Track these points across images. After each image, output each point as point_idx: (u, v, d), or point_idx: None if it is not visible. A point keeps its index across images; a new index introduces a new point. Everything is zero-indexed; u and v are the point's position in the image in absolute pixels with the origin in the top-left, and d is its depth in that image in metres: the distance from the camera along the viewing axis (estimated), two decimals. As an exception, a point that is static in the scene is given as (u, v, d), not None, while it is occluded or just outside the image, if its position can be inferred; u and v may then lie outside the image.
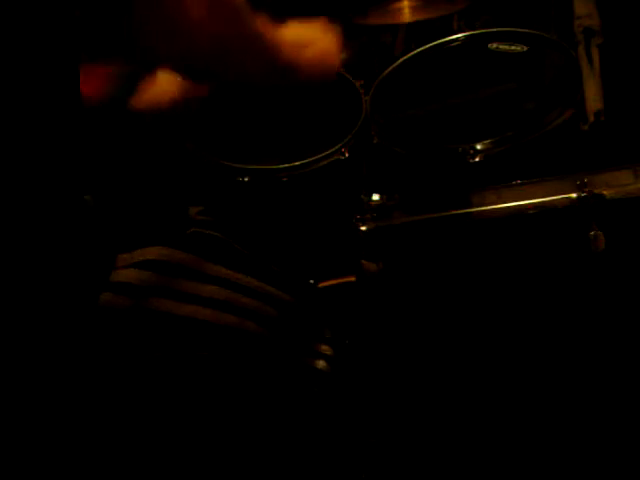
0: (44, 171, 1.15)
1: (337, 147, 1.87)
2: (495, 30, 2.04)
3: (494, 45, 2.00)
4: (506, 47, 1.98)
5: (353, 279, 1.81)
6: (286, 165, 1.85)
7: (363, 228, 1.80)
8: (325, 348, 1.33)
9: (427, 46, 2.05)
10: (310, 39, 1.25)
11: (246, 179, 1.86)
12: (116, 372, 1.20)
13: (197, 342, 1.22)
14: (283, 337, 1.27)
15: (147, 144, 2.01)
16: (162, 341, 1.20)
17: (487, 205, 1.77)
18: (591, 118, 1.75)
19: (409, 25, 2.37)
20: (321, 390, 1.32)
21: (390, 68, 2.04)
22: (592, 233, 1.70)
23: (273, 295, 1.28)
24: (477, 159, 1.79)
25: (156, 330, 1.20)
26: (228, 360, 1.23)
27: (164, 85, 1.34)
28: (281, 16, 2.14)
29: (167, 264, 1.22)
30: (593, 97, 1.74)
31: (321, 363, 1.32)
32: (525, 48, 1.97)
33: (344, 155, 1.87)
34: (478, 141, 1.80)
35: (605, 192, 1.72)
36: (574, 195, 1.73)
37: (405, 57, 2.05)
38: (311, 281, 1.69)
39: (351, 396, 1.69)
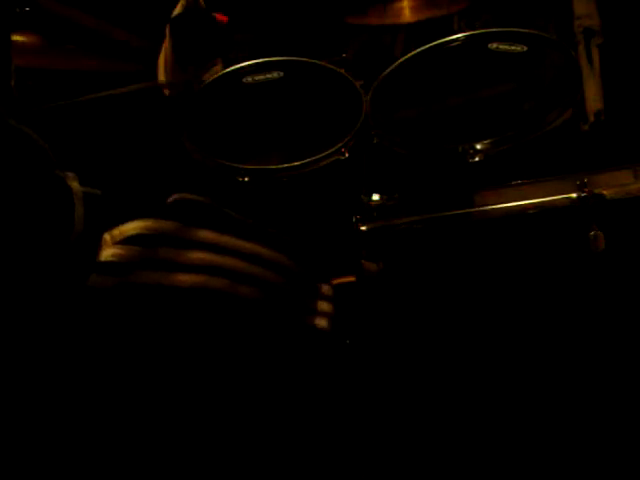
0: (25, 153, 1.15)
1: (337, 147, 1.87)
2: (495, 30, 2.04)
3: (494, 45, 2.00)
4: (506, 47, 1.98)
5: (353, 279, 1.81)
6: (286, 165, 1.85)
7: (363, 228, 1.80)
8: (324, 305, 1.32)
9: (427, 46, 2.05)
10: None
11: (246, 179, 1.86)
12: (105, 352, 1.19)
13: (186, 310, 1.21)
14: (279, 297, 1.26)
15: (146, 143, 2.02)
16: (148, 313, 1.19)
17: (487, 205, 1.77)
18: (591, 118, 1.75)
19: (409, 25, 2.37)
20: (322, 349, 1.31)
21: (390, 68, 2.04)
22: (592, 233, 1.70)
23: (265, 256, 1.27)
24: (477, 159, 1.79)
25: (141, 303, 1.19)
26: (216, 325, 1.22)
27: None
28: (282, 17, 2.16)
29: (148, 236, 1.21)
30: (593, 97, 1.74)
31: (321, 321, 1.30)
32: (525, 48, 1.97)
33: (344, 155, 1.87)
34: (478, 141, 1.80)
35: (605, 192, 1.72)
36: (574, 195, 1.73)
37: (405, 57, 2.05)
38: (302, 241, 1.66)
39: (352, 395, 1.69)
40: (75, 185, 1.20)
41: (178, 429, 1.22)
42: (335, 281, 1.81)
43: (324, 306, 1.31)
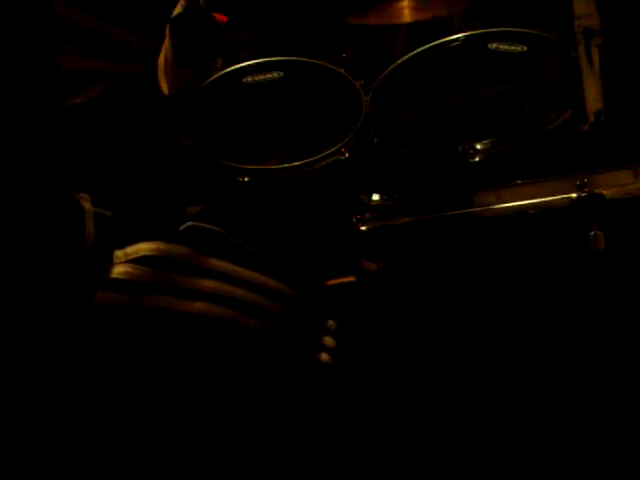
0: (35, 170, 1.16)
1: (337, 147, 1.87)
2: (495, 30, 2.04)
3: (494, 45, 2.00)
4: (506, 47, 1.98)
5: (353, 279, 1.81)
6: (286, 165, 1.85)
7: (363, 228, 1.80)
8: (329, 340, 1.32)
9: (427, 46, 2.05)
10: None
11: (246, 179, 1.86)
12: (112, 370, 1.19)
13: (192, 337, 1.21)
14: (285, 330, 1.26)
15: (147, 144, 2.02)
16: (157, 337, 1.20)
17: (487, 205, 1.77)
18: (591, 118, 1.75)
19: (409, 25, 2.37)
20: (324, 383, 1.31)
21: (390, 68, 2.04)
22: (592, 233, 1.70)
23: (273, 287, 1.27)
24: (477, 159, 1.79)
25: (151, 327, 1.20)
26: (222, 354, 1.22)
27: None
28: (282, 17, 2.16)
29: (161, 259, 1.21)
30: (593, 97, 1.74)
31: (324, 356, 1.31)
32: (525, 48, 1.97)
33: (344, 155, 1.87)
34: (478, 141, 1.80)
35: (605, 192, 1.72)
36: (574, 195, 1.73)
37: (405, 57, 2.05)
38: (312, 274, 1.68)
39: (352, 395, 1.69)
40: (87, 205, 1.21)
41: (179, 453, 1.22)
42: (335, 281, 1.81)
43: (328, 341, 1.32)
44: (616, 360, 1.77)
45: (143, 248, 1.21)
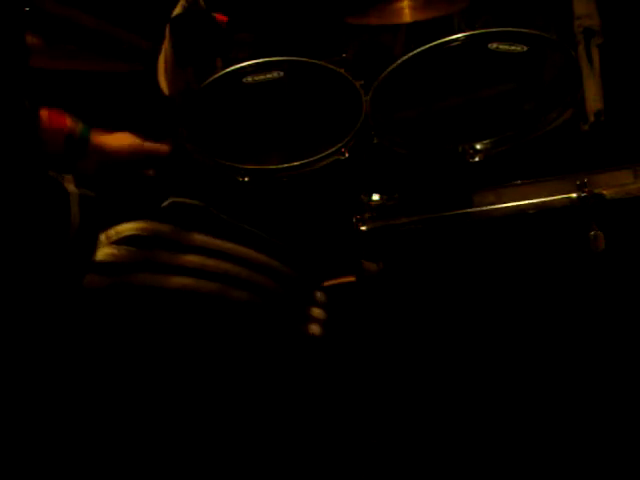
0: (17, 153, 1.16)
1: (337, 147, 1.87)
2: (495, 30, 2.04)
3: (494, 45, 2.00)
4: (506, 47, 1.98)
5: (353, 279, 1.81)
6: (286, 165, 1.85)
7: (363, 228, 1.80)
8: (317, 312, 1.32)
9: (427, 46, 2.05)
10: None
11: (246, 179, 1.86)
12: (102, 351, 1.19)
13: (179, 313, 1.21)
14: (272, 302, 1.26)
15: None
16: (145, 315, 1.20)
17: (487, 205, 1.77)
18: (591, 118, 1.75)
19: (409, 25, 2.37)
20: (314, 355, 1.31)
21: (390, 68, 2.04)
22: (592, 233, 1.70)
23: (259, 260, 1.27)
24: (477, 159, 1.79)
25: (138, 305, 1.20)
26: (210, 328, 1.22)
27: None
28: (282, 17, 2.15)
29: (144, 238, 1.21)
30: (593, 97, 1.74)
31: (313, 327, 1.30)
32: (525, 48, 1.97)
33: (344, 155, 1.87)
34: (478, 141, 1.80)
35: (605, 192, 1.72)
36: (574, 195, 1.73)
37: (405, 57, 2.05)
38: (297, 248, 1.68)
39: (352, 394, 1.69)
40: (71, 187, 1.21)
41: (170, 429, 1.22)
42: (335, 281, 1.81)
43: (317, 312, 1.31)
44: (616, 360, 1.77)
45: (126, 228, 1.21)
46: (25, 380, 1.17)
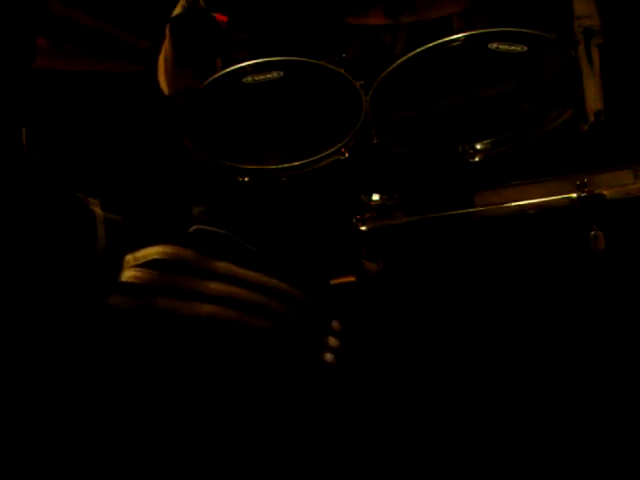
0: (43, 172, 1.16)
1: (337, 147, 1.87)
2: (495, 30, 2.04)
3: (494, 45, 2.00)
4: (506, 47, 1.98)
5: (353, 279, 1.81)
6: (286, 165, 1.85)
7: (363, 228, 1.80)
8: (333, 341, 1.32)
9: (427, 46, 2.05)
10: None
11: (246, 179, 1.86)
12: (119, 373, 1.20)
13: (198, 339, 1.22)
14: (292, 331, 1.27)
15: (149, 145, 2.02)
16: (164, 339, 1.20)
17: (487, 205, 1.77)
18: (591, 118, 1.75)
19: (409, 25, 2.37)
20: (327, 383, 1.32)
21: (390, 68, 2.04)
22: (592, 233, 1.70)
23: (278, 288, 1.27)
24: (477, 159, 1.79)
25: (158, 329, 1.20)
26: (228, 355, 1.23)
27: None
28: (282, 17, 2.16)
29: (169, 262, 1.22)
30: (593, 97, 1.74)
31: (328, 356, 1.31)
32: (525, 48, 1.97)
33: (344, 155, 1.87)
34: (478, 141, 1.80)
35: (605, 192, 1.72)
36: (574, 195, 1.73)
37: (405, 57, 2.05)
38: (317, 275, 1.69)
39: (353, 394, 1.69)
40: (97, 210, 1.22)
41: (184, 456, 1.23)
42: (335, 281, 1.81)
43: (332, 341, 1.32)
44: (616, 360, 1.77)
45: (151, 252, 1.21)
46: (43, 397, 1.18)
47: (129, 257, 1.20)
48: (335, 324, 1.33)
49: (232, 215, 1.91)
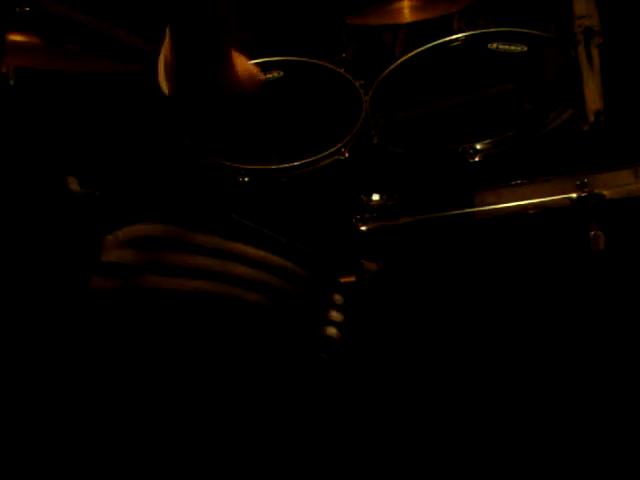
0: (26, 157, 1.16)
1: (337, 147, 1.87)
2: (495, 30, 2.04)
3: (494, 45, 2.00)
4: (506, 47, 1.98)
5: (353, 279, 1.81)
6: (286, 165, 1.85)
7: (363, 228, 1.80)
8: (335, 315, 1.32)
9: (427, 46, 2.05)
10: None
11: (246, 179, 1.86)
12: (110, 354, 1.19)
13: (191, 315, 1.21)
14: (289, 305, 1.26)
15: (147, 143, 2.02)
16: (154, 318, 1.19)
17: (487, 205, 1.77)
18: (591, 118, 1.75)
19: (409, 25, 2.37)
20: (331, 357, 1.31)
21: (390, 68, 2.04)
22: (592, 233, 1.70)
23: (275, 263, 1.27)
24: (477, 159, 1.79)
25: (147, 308, 1.19)
26: (222, 331, 1.22)
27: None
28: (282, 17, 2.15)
29: (154, 239, 1.21)
30: (593, 97, 1.74)
31: (331, 330, 1.30)
32: (525, 48, 1.97)
33: (344, 155, 1.87)
34: (478, 141, 1.80)
35: (605, 192, 1.72)
36: (574, 195, 1.73)
37: (405, 57, 2.05)
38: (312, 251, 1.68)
39: (353, 394, 1.69)
40: (74, 186, 1.21)
41: (180, 433, 1.22)
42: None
43: (335, 315, 1.31)
44: (616, 360, 1.77)
45: (131, 230, 1.21)
46: (30, 381, 1.17)
47: (110, 237, 1.19)
48: (337, 298, 1.32)
49: (249, 217, 1.91)
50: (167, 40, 1.68)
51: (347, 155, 1.87)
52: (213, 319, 1.21)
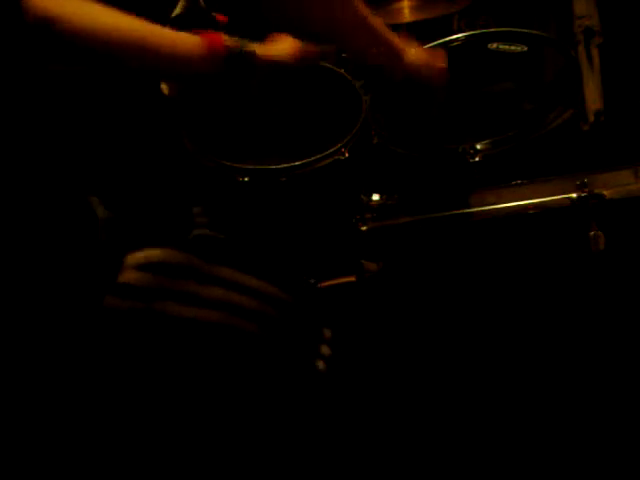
0: (47, 172, 1.16)
1: (337, 147, 1.87)
2: (495, 30, 2.04)
3: (494, 45, 2.00)
4: (506, 47, 1.98)
5: (353, 279, 1.81)
6: (286, 165, 1.85)
7: (363, 228, 1.80)
8: (325, 349, 1.33)
9: (427, 46, 2.05)
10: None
11: (246, 179, 1.86)
12: (118, 374, 1.20)
13: (200, 344, 1.22)
14: (283, 338, 1.27)
15: (149, 144, 2.01)
16: (160, 342, 1.21)
17: (487, 205, 1.77)
18: (591, 118, 1.75)
19: (409, 25, 2.37)
20: (319, 390, 1.33)
21: (390, 68, 2.04)
22: (592, 233, 1.70)
23: (274, 295, 1.28)
24: (477, 159, 1.79)
25: (160, 333, 1.21)
26: (228, 361, 1.23)
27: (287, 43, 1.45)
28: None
29: (168, 266, 1.22)
30: (593, 97, 1.74)
31: (320, 364, 1.32)
32: (525, 48, 1.97)
33: (344, 155, 1.87)
34: (478, 141, 1.80)
35: (605, 192, 1.72)
36: (574, 195, 1.73)
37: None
38: (312, 280, 1.70)
39: (351, 395, 1.69)
40: (100, 210, 1.22)
41: (180, 460, 1.23)
42: (335, 281, 1.81)
43: (324, 349, 1.33)
44: (616, 360, 1.77)
45: (151, 254, 1.22)
46: (36, 393, 1.18)
47: (129, 258, 1.20)
48: (327, 332, 1.34)
49: (232, 215, 1.91)
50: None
51: (347, 155, 1.87)
52: (215, 346, 1.23)
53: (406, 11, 2.32)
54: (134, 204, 1.31)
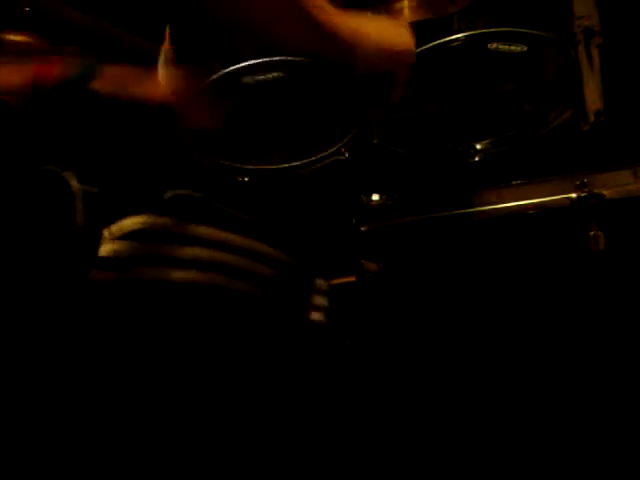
0: (23, 153, 1.16)
1: (337, 147, 1.86)
2: (495, 30, 2.04)
3: (494, 45, 2.00)
4: (506, 47, 1.98)
5: (353, 279, 1.81)
6: (286, 165, 1.85)
7: (363, 228, 1.80)
8: (319, 299, 1.32)
9: (427, 46, 2.05)
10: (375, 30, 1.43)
11: (246, 179, 1.86)
12: (105, 346, 1.20)
13: (183, 305, 1.21)
14: (275, 292, 1.26)
15: (147, 145, 2.01)
16: (147, 309, 1.20)
17: (487, 205, 1.77)
18: (591, 118, 1.75)
19: (409, 25, 2.37)
20: (317, 341, 1.31)
21: (390, 68, 2.04)
22: (592, 233, 1.70)
23: (262, 251, 1.27)
24: (477, 159, 1.79)
25: (140, 299, 1.20)
26: (212, 319, 1.22)
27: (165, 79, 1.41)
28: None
29: (145, 232, 1.21)
30: (593, 97, 1.74)
31: (317, 315, 1.31)
32: (525, 48, 1.97)
33: (344, 155, 1.87)
34: (478, 141, 1.80)
35: (605, 192, 1.72)
36: (574, 195, 1.73)
37: (405, 57, 2.05)
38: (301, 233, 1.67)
39: (352, 395, 1.69)
40: (74, 183, 1.21)
41: (174, 424, 1.22)
42: (335, 281, 1.81)
43: (319, 300, 1.32)
44: (616, 360, 1.77)
45: (127, 224, 1.21)
46: (27, 375, 1.18)
47: (105, 231, 1.20)
48: (321, 283, 1.32)
49: (231, 206, 1.91)
50: (167, 40, 1.68)
51: (347, 155, 1.87)
52: (204, 308, 1.22)
53: (406, 11, 2.32)
54: (109, 178, 1.30)
